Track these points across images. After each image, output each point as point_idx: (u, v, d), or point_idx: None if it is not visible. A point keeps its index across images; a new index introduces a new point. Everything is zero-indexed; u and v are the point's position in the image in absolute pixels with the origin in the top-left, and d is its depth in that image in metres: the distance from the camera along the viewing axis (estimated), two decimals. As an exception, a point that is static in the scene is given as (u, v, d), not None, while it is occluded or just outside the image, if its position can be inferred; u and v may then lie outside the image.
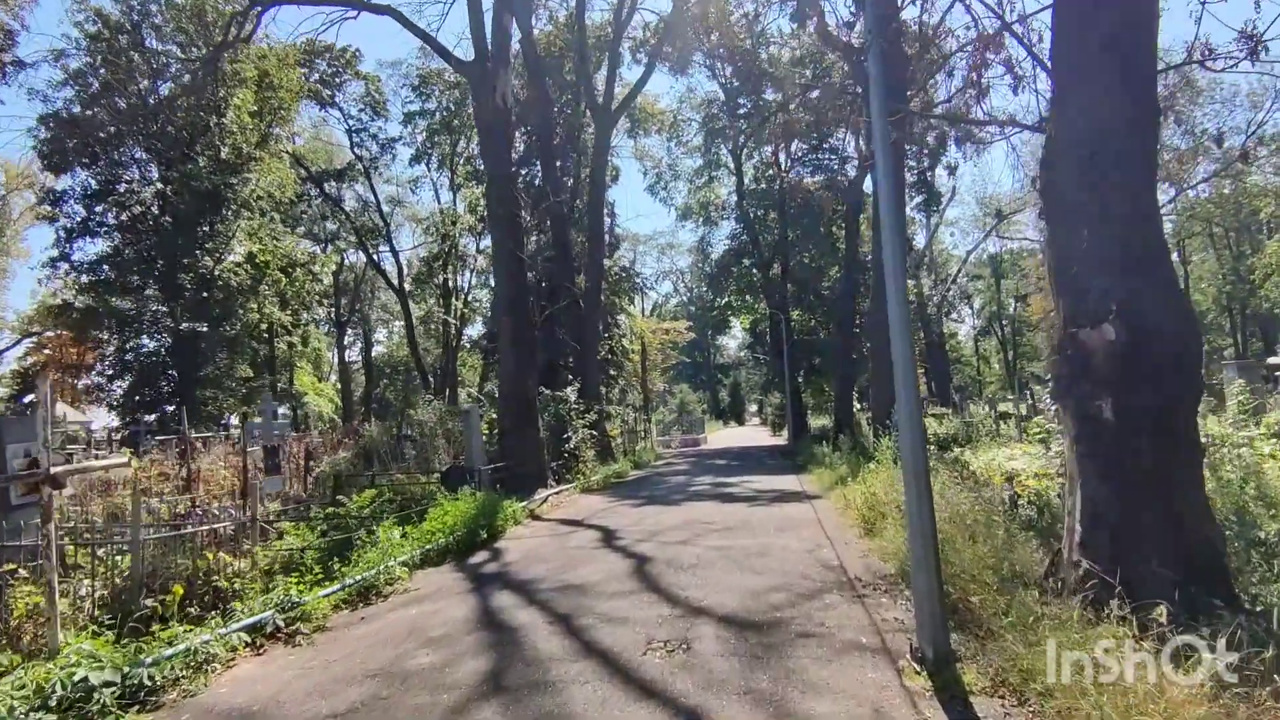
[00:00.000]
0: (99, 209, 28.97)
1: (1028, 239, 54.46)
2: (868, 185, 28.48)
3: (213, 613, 5.70)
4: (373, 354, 70.66)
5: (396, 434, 15.03)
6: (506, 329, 14.28)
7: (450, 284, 45.50)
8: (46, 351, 43.43)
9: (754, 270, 36.51)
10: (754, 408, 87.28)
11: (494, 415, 15.58)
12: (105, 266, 28.88)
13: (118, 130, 29.15)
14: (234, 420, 39.50)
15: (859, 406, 23.92)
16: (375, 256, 47.43)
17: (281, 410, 53.21)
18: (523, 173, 37.38)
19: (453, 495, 10.40)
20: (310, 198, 43.62)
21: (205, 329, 29.84)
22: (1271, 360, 19.07)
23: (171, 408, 29.85)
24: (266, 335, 44.57)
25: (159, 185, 29.94)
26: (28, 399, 35.04)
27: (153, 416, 31.09)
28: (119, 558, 6.15)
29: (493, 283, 28.32)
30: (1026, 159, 47.90)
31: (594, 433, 17.73)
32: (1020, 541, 5.92)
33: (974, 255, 58.59)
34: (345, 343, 67.80)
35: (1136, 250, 4.57)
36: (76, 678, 4.16)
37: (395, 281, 44.64)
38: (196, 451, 13.72)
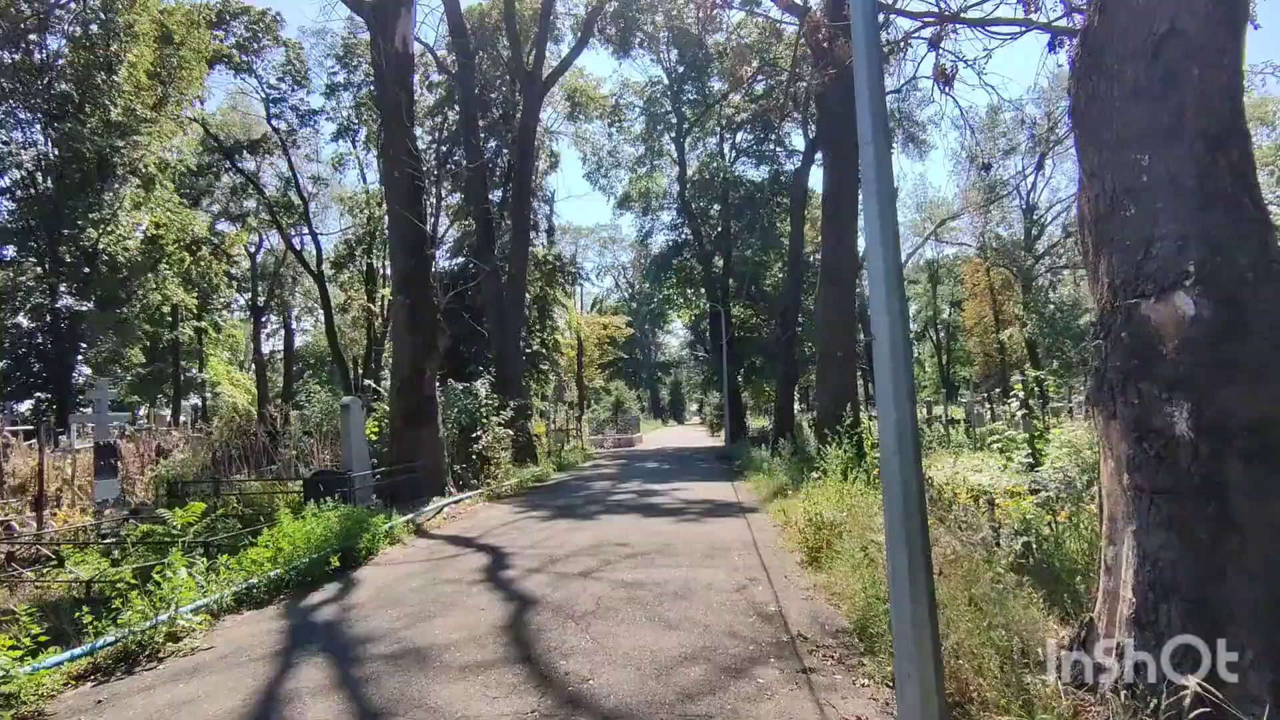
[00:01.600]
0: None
1: (965, 244, 55.15)
2: (814, 181, 27.42)
3: None
4: (295, 344, 66.75)
5: (271, 430, 12.80)
6: (401, 310, 12.26)
7: (374, 268, 42.64)
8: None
9: (695, 263, 35.12)
10: (695, 407, 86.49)
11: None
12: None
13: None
14: (141, 411, 35.95)
15: (799, 408, 22.67)
16: (294, 238, 44.18)
17: (194, 401, 49.40)
18: (454, 154, 35.11)
19: (316, 508, 8.43)
20: (219, 170, 40.17)
21: (87, 308, 26.61)
22: None
23: (46, 395, 26.58)
24: (170, 319, 41.02)
25: (42, 148, 26.47)
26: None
27: (25, 404, 27.70)
28: None
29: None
30: (964, 162, 48.36)
31: (511, 432, 15.83)
32: (1013, 592, 4.42)
33: (910, 260, 58.98)
34: (266, 331, 63.82)
35: (1224, 181, 3.07)
36: None
37: (314, 265, 41.53)
38: (9, 447, 11.27)
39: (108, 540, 7.93)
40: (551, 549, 8.25)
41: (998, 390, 47.12)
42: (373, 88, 38.49)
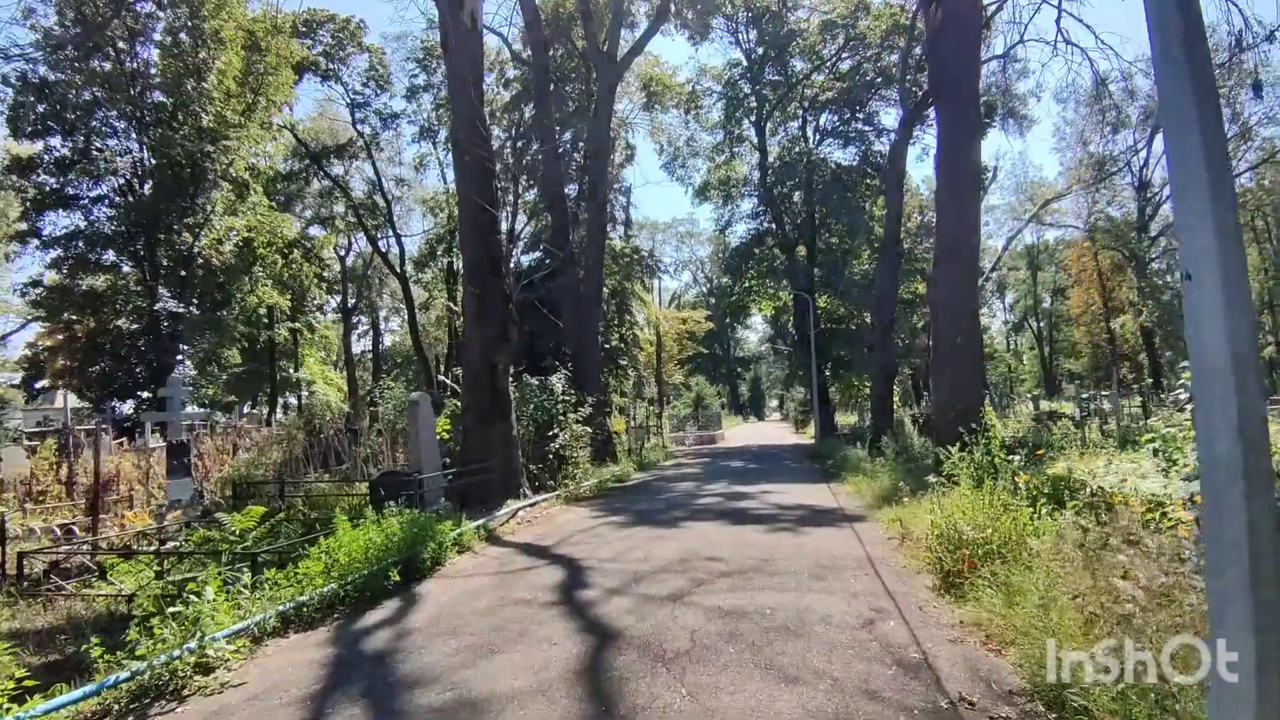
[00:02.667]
0: (70, 178, 26.74)
1: (1071, 226, 50.98)
2: (911, 154, 25.44)
3: None
4: (384, 343, 68.92)
5: (344, 428, 12.40)
6: (472, 301, 11.58)
7: (454, 267, 43.03)
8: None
9: (777, 252, 33.52)
10: (775, 403, 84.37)
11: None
12: (79, 242, 26.71)
13: (94, 96, 26.91)
14: (245, 409, 37.42)
15: (898, 404, 20.97)
16: (380, 239, 45.19)
17: (295, 398, 51.41)
18: (531, 149, 34.73)
19: (376, 514, 7.79)
20: (308, 175, 41.44)
21: (183, 310, 27.64)
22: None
23: (148, 394, 27.77)
24: (266, 321, 42.64)
25: (137, 155, 27.67)
26: (39, 384, 33.16)
27: (127, 404, 29.03)
28: None
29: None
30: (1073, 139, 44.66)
31: (589, 429, 15.01)
32: None
33: (1010, 246, 55.11)
34: (358, 332, 66.16)
35: None
36: None
37: (397, 266, 42.31)
38: (81, 447, 11.22)
39: (164, 547, 7.49)
40: (634, 563, 7.28)
41: (1106, 382, 43.33)
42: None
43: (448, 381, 17.35)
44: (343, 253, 52.51)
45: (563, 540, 8.85)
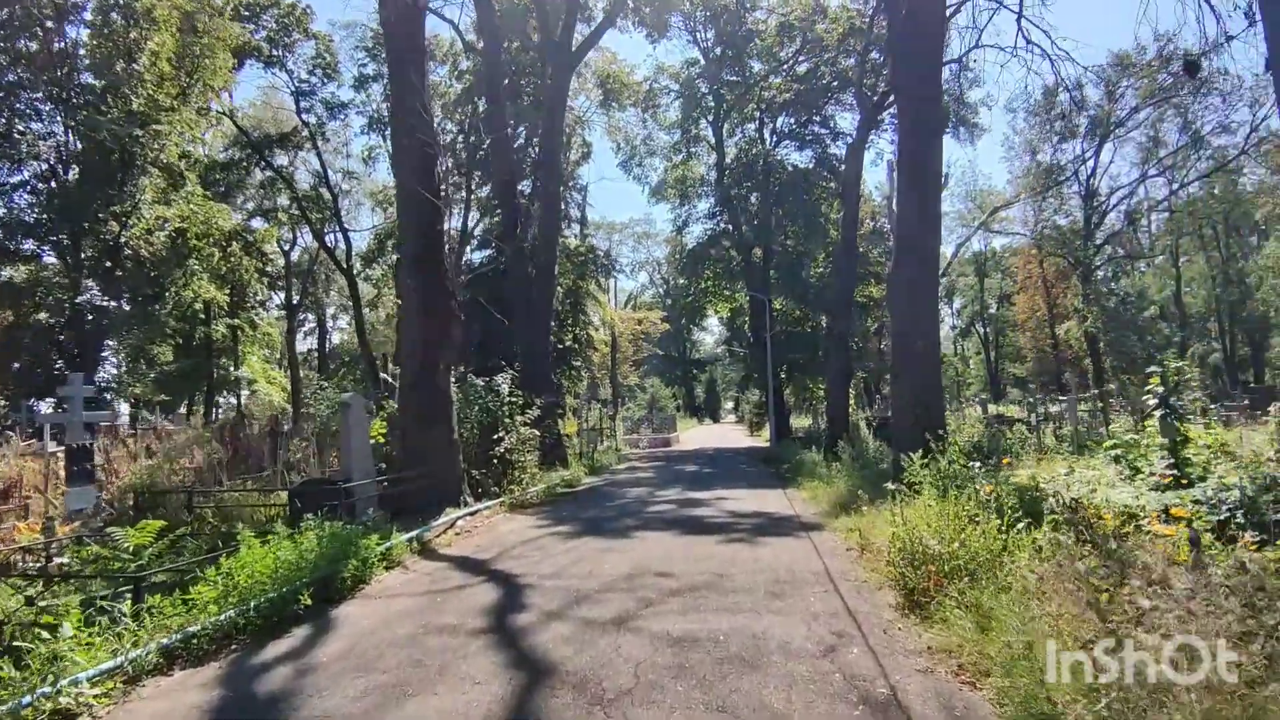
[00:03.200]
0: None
1: (1018, 234, 52.19)
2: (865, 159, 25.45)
3: None
4: (332, 341, 66.87)
5: (266, 431, 11.49)
6: (412, 297, 10.82)
7: (404, 264, 41.73)
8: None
9: (734, 253, 33.32)
10: (730, 405, 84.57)
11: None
12: (-5, 229, 24.87)
13: (19, 77, 25.07)
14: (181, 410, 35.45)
15: (853, 408, 20.83)
16: (327, 234, 43.56)
17: (245, 395, 49.22)
18: (485, 143, 33.81)
19: (297, 526, 7.05)
20: (249, 166, 39.65)
21: (109, 303, 26.04)
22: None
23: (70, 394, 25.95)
24: (203, 317, 40.71)
25: (62, 139, 25.92)
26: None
27: (46, 403, 27.21)
28: None
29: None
30: (1017, 147, 45.68)
31: (537, 432, 14.35)
32: None
33: (959, 253, 56.16)
34: (304, 329, 63.99)
35: None
36: None
37: (343, 261, 40.74)
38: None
39: (51, 564, 6.64)
40: (578, 580, 6.71)
41: (1051, 387, 44.40)
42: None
43: (387, 379, 16.48)
44: (287, 247, 50.64)
45: (503, 553, 8.22)
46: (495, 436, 12.96)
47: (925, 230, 9.49)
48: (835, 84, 30.57)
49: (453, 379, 11.71)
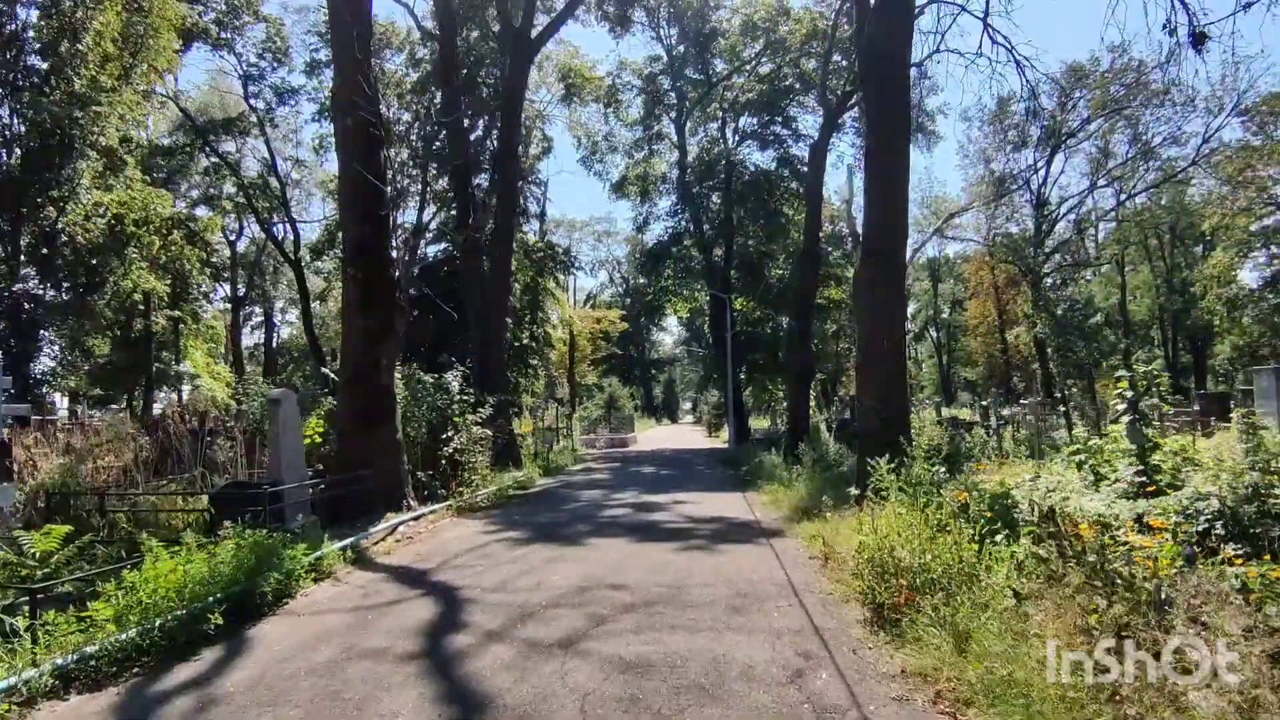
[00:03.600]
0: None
1: (971, 240, 53.19)
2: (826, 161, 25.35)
3: None
4: (281, 335, 64.74)
5: (187, 429, 10.66)
6: (353, 288, 10.13)
7: (356, 257, 40.38)
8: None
9: (695, 252, 33.03)
10: (689, 405, 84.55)
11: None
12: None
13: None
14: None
15: (813, 410, 20.68)
16: (274, 224, 42.00)
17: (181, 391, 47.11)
18: (441, 134, 32.88)
19: (215, 533, 6.39)
20: (193, 151, 37.91)
21: (45, 293, 24.57)
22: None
23: (-4, 385, 24.27)
24: (143, 308, 38.81)
25: (5, 121, 24.27)
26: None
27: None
28: None
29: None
30: (972, 156, 46.50)
31: (489, 432, 13.75)
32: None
33: (913, 259, 57.04)
34: (251, 323, 61.91)
35: None
36: None
37: (291, 252, 39.27)
38: None
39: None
40: (524, 593, 6.21)
41: (1002, 392, 45.27)
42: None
43: (329, 374, 15.66)
44: (233, 237, 48.76)
45: (445, 563, 7.66)
46: (444, 436, 12.33)
47: (894, 227, 9.25)
48: (798, 85, 30.58)
49: (398, 375, 11.06)
